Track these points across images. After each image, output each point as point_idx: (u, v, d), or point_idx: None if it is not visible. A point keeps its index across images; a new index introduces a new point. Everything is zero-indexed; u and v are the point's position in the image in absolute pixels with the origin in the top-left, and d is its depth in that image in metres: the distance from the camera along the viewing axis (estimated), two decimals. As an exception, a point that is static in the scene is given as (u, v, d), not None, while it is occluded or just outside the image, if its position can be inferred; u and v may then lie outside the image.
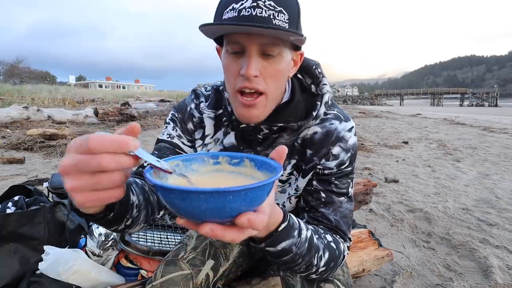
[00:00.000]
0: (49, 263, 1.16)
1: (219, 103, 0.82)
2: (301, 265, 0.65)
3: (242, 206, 0.36)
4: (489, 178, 3.63)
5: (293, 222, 0.60)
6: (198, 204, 0.35)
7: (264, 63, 0.62)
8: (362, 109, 18.78)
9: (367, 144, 5.90)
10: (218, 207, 0.35)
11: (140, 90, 52.85)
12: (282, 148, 0.47)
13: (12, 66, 57.06)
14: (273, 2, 0.59)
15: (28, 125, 6.37)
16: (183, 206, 0.36)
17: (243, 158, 0.49)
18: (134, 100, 13.19)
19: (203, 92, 0.86)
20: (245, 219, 0.37)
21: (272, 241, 0.57)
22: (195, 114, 0.83)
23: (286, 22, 0.60)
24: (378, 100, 58.61)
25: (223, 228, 0.38)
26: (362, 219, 2.44)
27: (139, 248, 1.33)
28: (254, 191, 0.36)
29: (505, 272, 1.69)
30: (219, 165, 0.50)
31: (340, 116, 0.77)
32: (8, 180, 3.13)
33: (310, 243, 0.64)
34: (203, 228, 0.38)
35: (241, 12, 0.58)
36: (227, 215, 0.37)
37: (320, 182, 0.75)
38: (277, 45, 0.61)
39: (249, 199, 0.36)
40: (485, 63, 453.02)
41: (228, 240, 0.39)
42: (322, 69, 0.79)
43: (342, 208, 0.75)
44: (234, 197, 0.35)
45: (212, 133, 0.82)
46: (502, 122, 11.09)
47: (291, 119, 0.73)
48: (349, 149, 0.75)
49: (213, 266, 0.89)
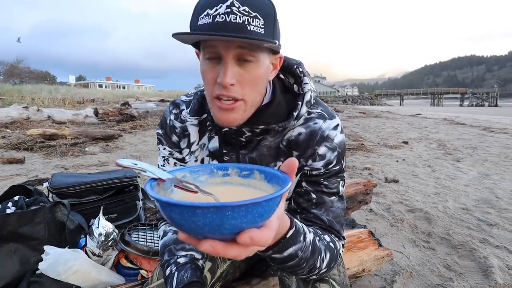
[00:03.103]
0: (49, 263, 1.16)
1: (202, 108, 0.81)
2: (304, 269, 0.65)
3: (243, 223, 0.34)
4: (489, 178, 3.63)
5: (299, 227, 0.60)
6: (195, 220, 0.33)
7: (241, 70, 0.61)
8: (362, 109, 18.77)
9: (367, 144, 5.89)
10: (216, 223, 0.33)
11: (140, 90, 52.86)
12: (292, 161, 0.45)
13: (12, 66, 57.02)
14: (248, 7, 0.57)
15: (28, 125, 6.37)
16: (181, 221, 0.34)
17: (253, 170, 0.48)
18: (134, 100, 13.20)
19: (183, 99, 0.85)
20: (247, 237, 0.35)
21: (279, 249, 0.57)
22: (176, 125, 0.82)
23: (261, 27, 0.58)
24: (378, 100, 58.59)
25: (225, 245, 0.36)
26: (362, 219, 2.43)
27: (139, 248, 1.33)
28: (256, 207, 0.34)
29: (505, 272, 1.69)
30: (228, 177, 0.49)
31: (324, 115, 0.75)
32: (8, 180, 3.13)
33: (314, 245, 0.64)
34: (203, 245, 0.36)
35: (216, 18, 0.57)
36: (227, 232, 0.34)
37: (309, 183, 0.75)
38: (254, 50, 0.60)
39: (251, 215, 0.34)
40: (485, 63, 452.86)
41: (232, 257, 0.37)
42: (304, 68, 0.78)
43: (334, 207, 0.74)
44: (233, 213, 0.32)
45: (198, 140, 0.81)
46: (502, 122, 11.09)
47: (272, 121, 0.72)
48: (336, 147, 0.74)
49: (211, 268, 0.88)
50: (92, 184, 1.69)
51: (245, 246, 0.37)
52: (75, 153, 4.46)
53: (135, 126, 7.04)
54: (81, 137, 5.22)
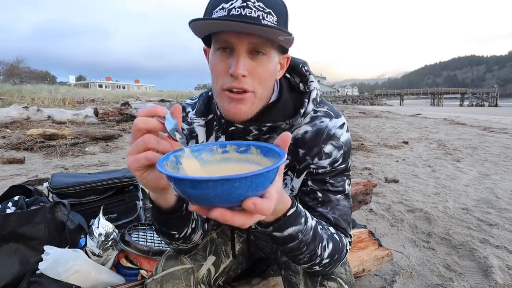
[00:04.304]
0: (49, 263, 1.16)
1: (208, 109, 0.82)
2: (305, 254, 0.66)
3: (249, 192, 0.39)
4: (489, 178, 3.63)
5: (300, 210, 0.62)
6: (207, 192, 0.37)
7: (253, 63, 0.62)
8: (362, 109, 18.78)
9: (367, 144, 5.90)
10: (226, 193, 0.37)
11: (140, 90, 52.86)
12: (286, 135, 0.48)
13: (12, 66, 57.01)
14: (262, 3, 0.59)
15: (28, 125, 6.37)
16: (194, 194, 0.39)
17: (250, 146, 0.51)
18: (134, 100, 13.19)
19: (188, 102, 0.87)
20: (251, 203, 0.39)
21: (279, 226, 0.59)
22: (184, 127, 0.83)
23: (274, 23, 0.60)
24: (378, 100, 58.59)
25: (232, 213, 0.40)
26: (362, 219, 2.44)
27: (139, 248, 1.33)
28: (259, 177, 0.38)
29: (505, 272, 1.69)
30: (227, 153, 0.52)
31: (330, 113, 0.76)
32: (8, 180, 3.13)
33: (315, 231, 0.65)
34: (213, 213, 0.39)
35: (231, 11, 0.58)
36: (235, 200, 0.39)
37: (315, 182, 0.75)
38: (266, 45, 0.62)
39: (255, 185, 0.39)
40: (485, 63, 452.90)
41: (238, 224, 0.41)
42: (309, 67, 0.79)
43: (340, 206, 0.75)
44: (240, 184, 0.37)
45: (205, 140, 0.83)
46: (502, 122, 11.09)
47: (279, 118, 0.72)
48: (342, 146, 0.74)
49: (215, 262, 0.89)
50: (92, 184, 1.69)
51: (250, 214, 0.41)
52: (75, 153, 4.46)
53: (135, 126, 7.03)
54: (81, 137, 5.22)
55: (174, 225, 0.69)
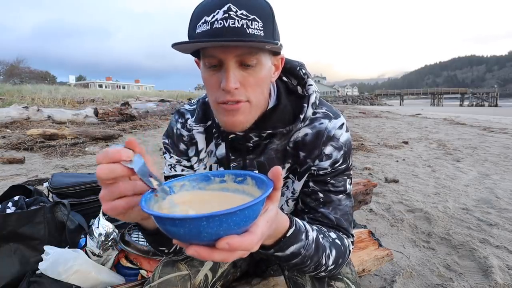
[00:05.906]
0: (49, 263, 1.16)
1: (206, 116, 0.81)
2: (310, 266, 0.66)
3: (220, 231, 0.36)
4: (489, 178, 3.63)
5: (300, 226, 0.61)
6: (176, 230, 0.37)
7: (244, 74, 0.61)
8: (362, 109, 18.77)
9: (367, 144, 5.90)
10: (195, 232, 0.36)
11: (140, 90, 52.82)
12: (276, 169, 0.45)
13: (12, 66, 56.96)
14: (245, 10, 0.57)
15: (28, 125, 6.36)
16: (166, 230, 0.38)
17: (246, 176, 0.50)
18: (134, 100, 13.19)
19: (187, 108, 0.86)
20: (225, 244, 0.37)
21: (280, 247, 0.58)
22: (184, 133, 0.82)
23: (260, 29, 0.58)
24: (378, 100, 58.59)
25: (210, 250, 0.38)
26: (362, 219, 2.44)
27: (139, 248, 1.33)
28: (230, 216, 0.36)
29: (505, 272, 1.69)
30: (225, 183, 0.51)
31: (329, 114, 0.76)
32: (8, 180, 3.13)
33: (317, 243, 0.64)
34: (189, 250, 0.38)
35: (214, 25, 0.56)
36: (206, 239, 0.37)
37: (317, 183, 0.75)
38: (255, 54, 0.60)
39: (226, 224, 0.36)
40: (485, 63, 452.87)
41: (219, 260, 0.39)
42: (306, 70, 0.78)
43: (341, 205, 0.75)
44: (208, 223, 0.35)
45: (205, 147, 0.81)
46: (502, 122, 11.09)
47: (279, 125, 0.72)
48: (342, 146, 0.74)
49: (212, 267, 0.89)
50: (92, 184, 1.69)
51: (226, 251, 0.38)
52: (75, 153, 4.46)
53: (135, 126, 7.04)
54: (81, 137, 5.22)
55: (162, 243, 0.69)
